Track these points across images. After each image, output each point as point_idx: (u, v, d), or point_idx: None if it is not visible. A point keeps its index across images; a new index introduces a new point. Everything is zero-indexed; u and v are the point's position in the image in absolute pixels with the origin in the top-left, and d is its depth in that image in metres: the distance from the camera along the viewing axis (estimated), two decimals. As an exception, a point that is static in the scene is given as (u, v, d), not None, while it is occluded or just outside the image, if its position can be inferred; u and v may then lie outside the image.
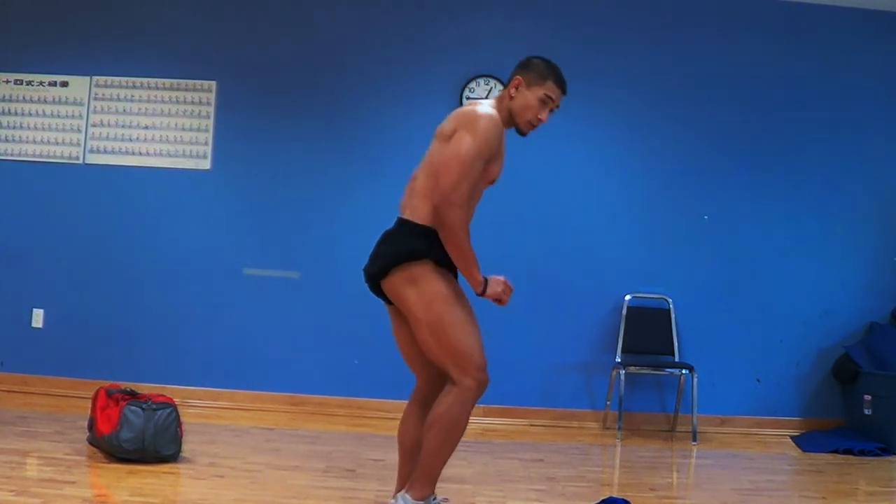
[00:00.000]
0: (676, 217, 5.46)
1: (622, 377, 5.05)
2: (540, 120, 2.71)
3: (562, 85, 2.75)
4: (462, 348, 2.63)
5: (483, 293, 2.64)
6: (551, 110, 2.73)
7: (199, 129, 5.40)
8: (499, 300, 2.69)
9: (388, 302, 2.77)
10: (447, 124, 2.70)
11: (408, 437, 2.81)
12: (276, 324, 5.36)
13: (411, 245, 2.62)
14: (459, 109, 2.73)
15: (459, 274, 2.71)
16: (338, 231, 5.39)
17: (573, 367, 5.32)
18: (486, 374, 2.69)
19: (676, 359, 5.29)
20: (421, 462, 2.68)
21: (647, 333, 5.28)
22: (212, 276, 5.36)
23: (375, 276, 2.69)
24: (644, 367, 5.21)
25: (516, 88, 2.71)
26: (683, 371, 5.16)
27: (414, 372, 2.89)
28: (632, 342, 5.28)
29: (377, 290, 2.74)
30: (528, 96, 2.68)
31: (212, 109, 5.38)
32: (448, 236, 2.53)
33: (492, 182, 2.75)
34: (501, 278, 2.69)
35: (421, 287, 2.62)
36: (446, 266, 2.66)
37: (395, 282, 2.64)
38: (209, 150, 5.39)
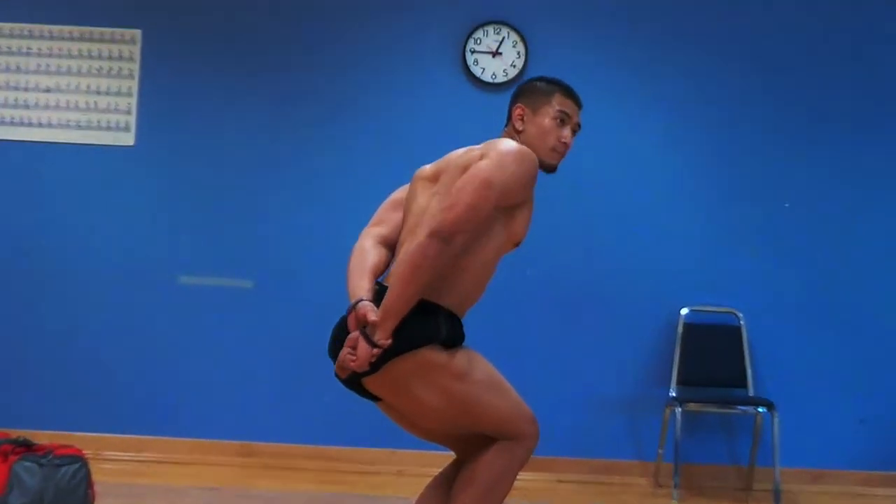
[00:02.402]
0: (749, 205, 5.21)
1: (678, 417, 4.81)
2: (564, 143, 2.74)
3: (572, 96, 2.82)
4: (501, 414, 2.66)
5: (368, 340, 2.50)
6: (574, 131, 2.79)
7: (118, 93, 5.22)
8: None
9: (369, 396, 2.71)
10: (461, 158, 2.70)
11: None
12: (221, 349, 5.17)
13: (417, 329, 2.56)
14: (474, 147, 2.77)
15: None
16: (304, 228, 5.17)
17: (613, 403, 5.14)
18: (537, 426, 2.72)
19: (750, 392, 5.03)
20: None
21: (711, 359, 5.07)
22: (136, 286, 5.17)
23: None
24: (708, 404, 4.97)
25: (521, 120, 2.78)
26: (760, 409, 4.91)
27: (445, 446, 2.88)
28: (691, 370, 5.05)
29: (352, 383, 2.66)
30: (539, 121, 2.75)
31: (136, 67, 5.21)
32: (407, 267, 2.49)
33: (516, 243, 2.74)
34: (363, 346, 2.52)
35: (431, 375, 2.60)
36: (456, 342, 2.65)
37: (393, 376, 2.59)
38: (132, 120, 5.20)
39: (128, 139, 5.21)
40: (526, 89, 2.83)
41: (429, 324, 2.58)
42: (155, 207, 5.26)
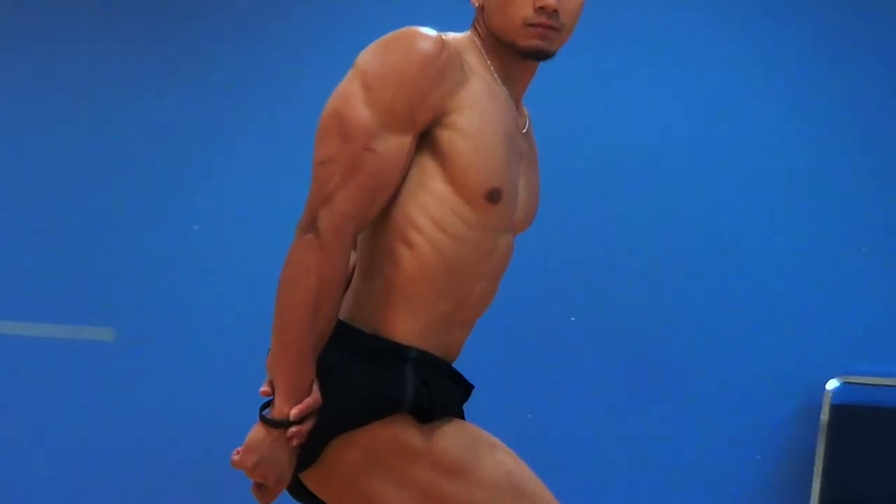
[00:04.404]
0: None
1: (825, 562, 4.23)
2: (541, 7, 2.45)
3: None
4: None
5: (269, 423, 2.36)
6: None
7: None
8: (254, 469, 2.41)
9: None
10: None
11: None
12: (63, 437, 4.91)
13: (360, 389, 2.38)
14: None
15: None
16: (195, 244, 4.89)
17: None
18: None
19: (950, 524, 4.24)
20: None
21: (879, 464, 4.53)
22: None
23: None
24: (873, 542, 4.25)
25: None
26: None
27: None
28: (843, 483, 4.53)
29: (293, 486, 2.51)
30: None
31: None
32: (278, 290, 2.38)
33: (486, 194, 2.43)
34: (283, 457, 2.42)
35: (399, 467, 2.41)
36: (438, 409, 2.44)
37: (338, 472, 2.41)
38: None
39: None
40: None
41: (381, 378, 2.35)
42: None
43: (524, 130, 2.49)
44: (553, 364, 4.64)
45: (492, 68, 2.40)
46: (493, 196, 2.34)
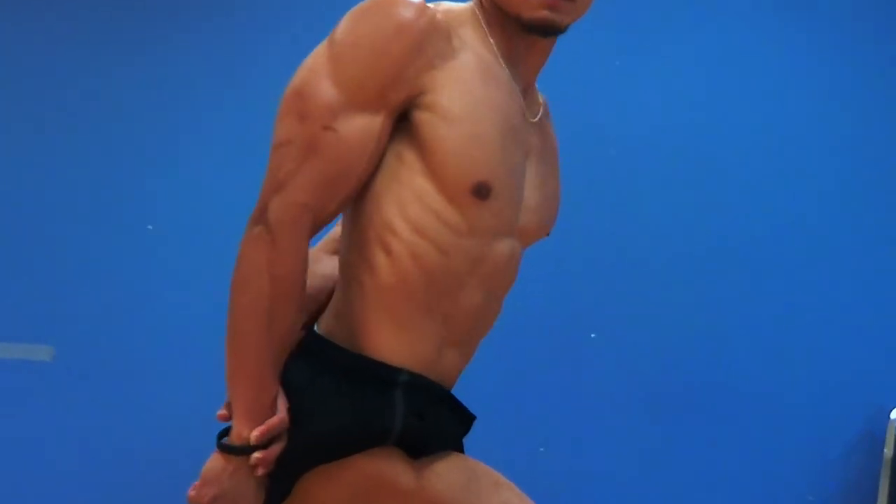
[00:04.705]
0: None
1: None
2: None
3: None
4: None
5: (228, 449, 2.11)
6: None
7: None
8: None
9: None
10: None
11: None
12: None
13: (340, 416, 2.20)
14: None
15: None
16: (149, 246, 4.58)
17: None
18: None
19: None
20: None
21: None
22: None
23: None
24: None
25: None
26: None
27: None
28: None
29: None
30: None
31: None
32: (229, 297, 2.16)
33: (472, 189, 2.21)
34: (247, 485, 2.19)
35: None
36: (432, 443, 2.26)
37: None
38: None
39: None
40: None
41: (364, 403, 2.17)
42: None
43: (534, 120, 2.30)
44: (570, 388, 4.38)
45: (493, 45, 2.22)
46: (481, 191, 2.16)
